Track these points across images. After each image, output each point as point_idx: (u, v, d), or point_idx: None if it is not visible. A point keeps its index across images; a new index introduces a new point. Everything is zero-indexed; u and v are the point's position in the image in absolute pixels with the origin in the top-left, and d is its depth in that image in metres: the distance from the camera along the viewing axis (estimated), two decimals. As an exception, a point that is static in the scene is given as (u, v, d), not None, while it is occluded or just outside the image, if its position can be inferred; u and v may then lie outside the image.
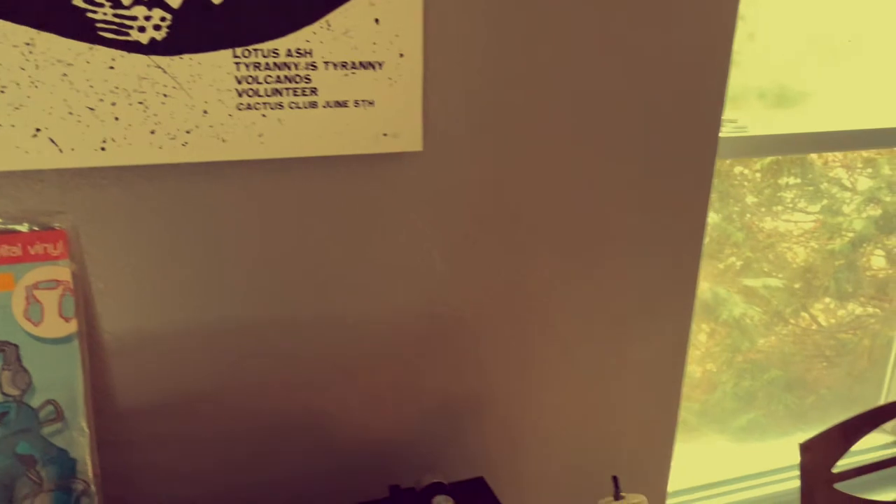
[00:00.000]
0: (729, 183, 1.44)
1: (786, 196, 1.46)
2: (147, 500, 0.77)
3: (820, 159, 1.51)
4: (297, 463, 0.82)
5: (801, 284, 1.52)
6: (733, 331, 1.49)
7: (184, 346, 0.75)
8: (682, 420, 1.46)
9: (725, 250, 1.50)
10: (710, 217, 1.42)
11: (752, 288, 1.57)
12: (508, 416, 0.91)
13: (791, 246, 1.51)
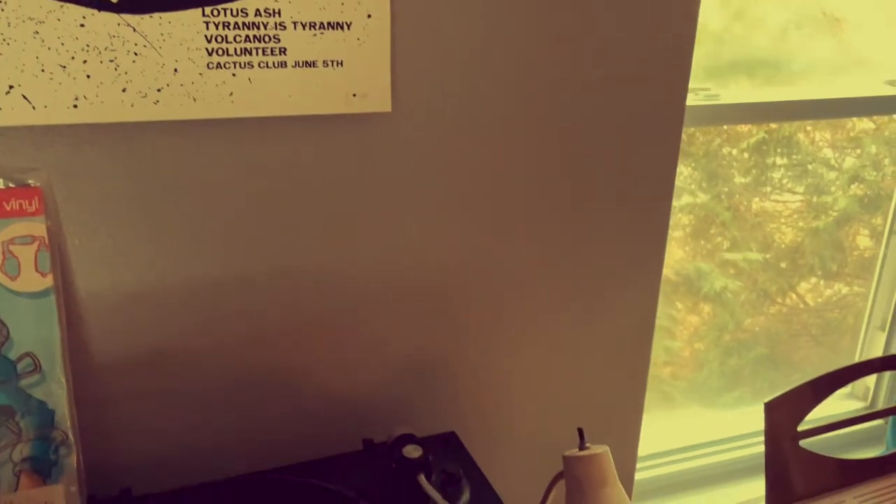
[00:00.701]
0: (717, 163, 1.47)
1: (773, 176, 1.49)
2: (123, 453, 0.79)
3: (807, 138, 1.53)
4: (272, 418, 0.85)
5: (787, 264, 1.54)
6: (717, 307, 1.52)
7: (158, 303, 0.77)
8: (667, 396, 1.50)
9: (712, 230, 1.52)
10: (697, 197, 1.44)
11: (732, 262, 1.59)
12: (480, 375, 0.93)
13: (779, 226, 1.54)
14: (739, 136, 1.43)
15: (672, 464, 1.36)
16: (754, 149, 1.46)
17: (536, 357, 0.96)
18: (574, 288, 0.94)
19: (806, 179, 1.49)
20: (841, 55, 1.35)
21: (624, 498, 0.78)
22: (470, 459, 0.83)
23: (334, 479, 0.77)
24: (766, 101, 1.16)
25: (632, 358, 1.02)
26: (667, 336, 1.49)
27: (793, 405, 1.05)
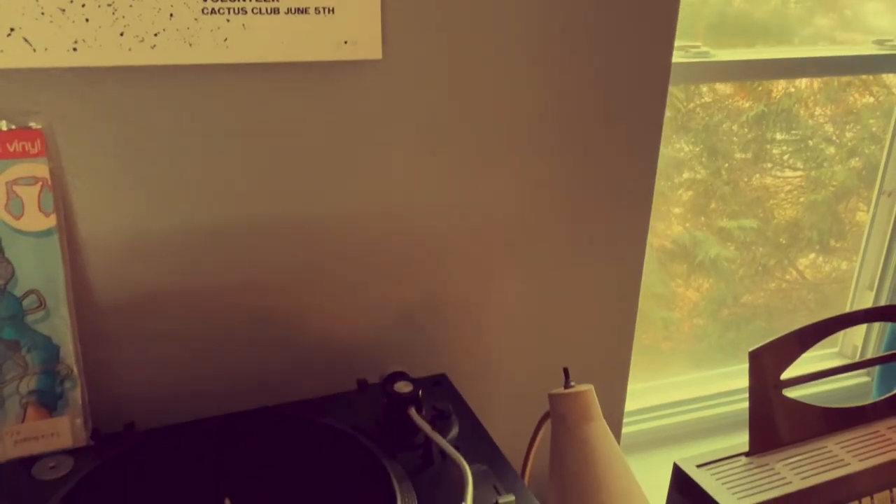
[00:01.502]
0: (717, 138, 1.48)
1: (772, 151, 1.50)
2: (126, 390, 0.82)
3: (806, 111, 1.54)
4: (268, 359, 0.88)
5: (785, 238, 1.56)
6: (714, 280, 1.54)
7: (157, 246, 0.79)
8: (665, 362, 1.52)
9: (711, 204, 1.54)
10: (697, 172, 1.46)
11: (728, 230, 1.61)
12: (471, 320, 0.96)
13: (779, 202, 1.56)
14: (739, 111, 1.45)
15: (661, 419, 1.39)
16: (754, 122, 1.48)
17: (527, 301, 0.99)
18: (564, 233, 0.97)
19: (805, 153, 1.51)
20: (830, 16, 1.36)
21: (607, 433, 0.81)
22: (460, 399, 0.86)
23: (329, 416, 0.80)
24: (754, 58, 1.18)
25: (621, 302, 1.04)
26: (664, 307, 1.51)
27: (777, 354, 1.08)
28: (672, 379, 1.47)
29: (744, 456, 1.07)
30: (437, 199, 0.89)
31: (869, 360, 1.21)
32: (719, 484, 1.01)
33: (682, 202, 1.49)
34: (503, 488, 0.70)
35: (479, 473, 0.73)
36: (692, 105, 1.46)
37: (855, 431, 1.13)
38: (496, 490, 0.70)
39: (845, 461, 1.06)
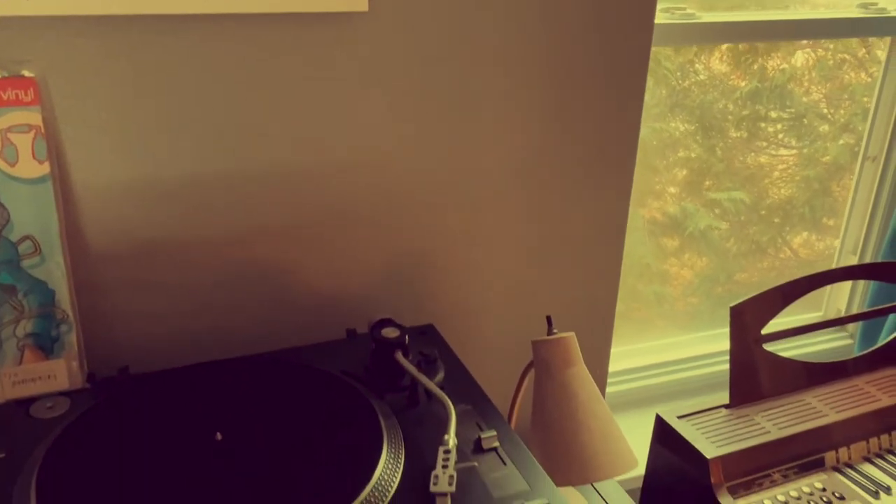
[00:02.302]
0: (711, 115, 1.50)
1: (767, 129, 1.52)
2: (120, 336, 0.84)
3: (800, 88, 1.55)
4: (259, 309, 0.90)
5: (779, 217, 1.58)
6: (703, 249, 1.56)
7: (148, 196, 0.81)
8: (656, 329, 1.54)
9: (706, 182, 1.56)
10: (692, 150, 1.47)
11: (718, 202, 1.63)
12: (457, 274, 0.98)
13: (774, 181, 1.58)
14: (734, 89, 1.46)
15: (648, 378, 1.42)
16: (748, 98, 1.49)
17: (513, 253, 1.01)
18: (548, 186, 0.99)
19: (799, 130, 1.53)
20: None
21: (587, 377, 0.84)
22: (447, 347, 0.88)
23: (318, 362, 0.82)
24: (738, 20, 1.19)
25: (605, 253, 1.06)
26: (657, 282, 1.54)
27: (758, 309, 1.10)
28: (659, 341, 1.49)
29: (724, 408, 1.10)
30: (424, 152, 0.91)
31: (848, 316, 1.24)
32: (699, 433, 1.04)
33: (677, 181, 1.52)
34: (486, 426, 0.73)
35: (463, 412, 0.75)
36: (687, 83, 1.48)
37: (834, 385, 1.16)
38: (479, 427, 0.73)
39: (823, 413, 1.09)
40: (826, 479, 1.04)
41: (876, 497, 1.01)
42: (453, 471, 0.62)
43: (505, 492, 0.64)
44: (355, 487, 0.62)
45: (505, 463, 0.68)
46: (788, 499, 1.00)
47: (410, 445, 0.69)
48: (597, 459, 0.79)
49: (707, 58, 1.47)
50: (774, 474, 1.02)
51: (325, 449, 0.67)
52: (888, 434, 1.10)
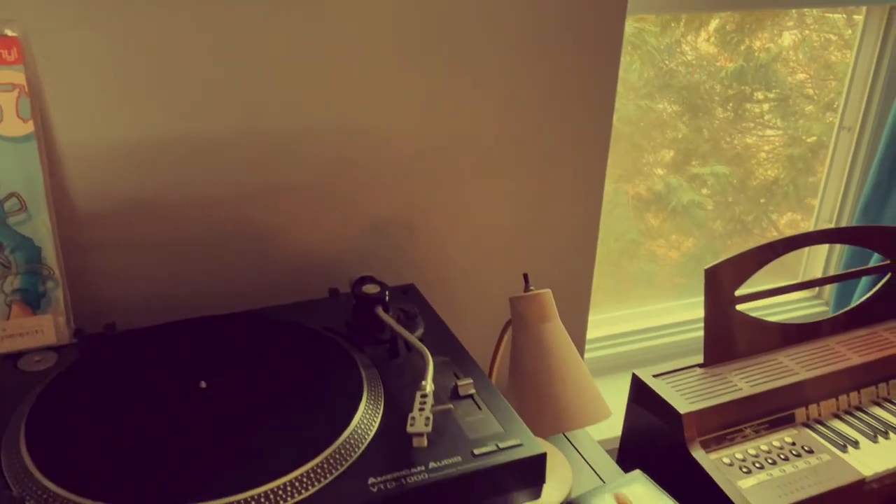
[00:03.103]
0: (697, 96, 1.52)
1: (753, 109, 1.54)
2: (106, 294, 0.86)
3: (785, 68, 1.57)
4: (243, 268, 0.92)
5: (765, 197, 1.60)
6: (685, 220, 1.58)
7: (133, 157, 0.83)
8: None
9: (692, 161, 1.58)
10: (678, 131, 1.49)
11: (701, 177, 1.66)
12: (438, 235, 1.01)
13: (760, 162, 1.61)
14: (719, 69, 1.48)
15: (627, 344, 1.45)
16: (734, 78, 1.52)
17: (493, 216, 1.03)
18: (528, 149, 1.01)
19: (783, 109, 1.55)
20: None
21: (562, 332, 0.87)
22: (428, 305, 0.90)
23: (301, 319, 0.84)
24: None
25: (583, 215, 1.08)
26: (645, 260, 1.56)
27: (732, 271, 1.13)
28: (639, 309, 1.52)
29: (699, 367, 1.13)
30: (407, 115, 0.92)
31: (821, 278, 1.27)
32: (674, 391, 1.07)
33: (664, 162, 1.54)
34: (463, 376, 0.75)
35: (442, 364, 0.78)
36: (674, 63, 1.50)
37: (806, 346, 1.20)
38: (456, 376, 0.75)
39: (794, 371, 1.12)
40: (796, 434, 1.07)
41: (844, 451, 1.05)
42: (430, 413, 0.64)
43: (479, 434, 0.66)
44: (335, 431, 0.64)
45: (480, 408, 0.70)
46: (759, 452, 1.03)
47: (390, 394, 0.72)
48: (570, 409, 0.82)
49: (694, 38, 1.49)
50: (746, 429, 1.06)
51: (306, 396, 0.69)
52: (857, 392, 1.14)
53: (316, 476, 0.60)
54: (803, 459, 1.02)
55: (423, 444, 0.63)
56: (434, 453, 0.64)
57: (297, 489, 0.59)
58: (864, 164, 1.48)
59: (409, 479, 0.61)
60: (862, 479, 1.00)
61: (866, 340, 1.20)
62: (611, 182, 1.48)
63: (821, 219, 1.59)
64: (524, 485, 0.65)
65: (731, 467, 1.00)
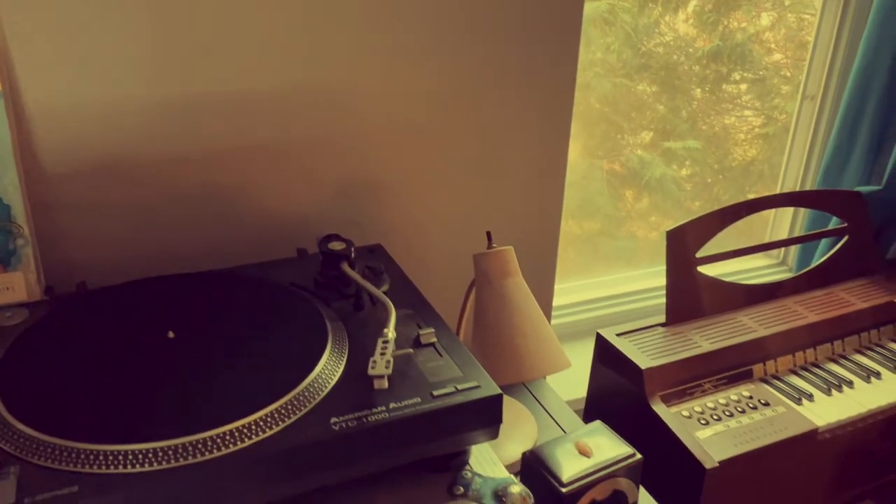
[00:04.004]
0: (675, 76, 1.54)
1: (729, 89, 1.56)
2: (76, 254, 0.88)
3: (762, 48, 1.60)
4: (212, 228, 0.93)
5: (742, 176, 1.63)
6: (658, 195, 1.61)
7: (100, 117, 0.84)
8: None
9: (672, 138, 1.61)
10: (656, 112, 1.51)
11: (674, 151, 1.69)
12: (405, 196, 1.03)
13: (738, 142, 1.63)
14: (696, 50, 1.51)
15: (596, 310, 1.48)
16: (710, 59, 1.54)
17: (460, 176, 1.05)
18: (491, 111, 1.03)
19: (759, 88, 1.58)
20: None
21: (524, 287, 0.89)
22: (394, 263, 0.92)
23: (269, 277, 0.86)
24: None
25: (549, 176, 1.10)
26: (622, 238, 1.59)
27: (692, 234, 1.17)
28: (607, 277, 1.55)
29: (660, 326, 1.17)
30: (373, 82, 0.94)
31: (779, 241, 1.31)
32: (636, 348, 1.10)
33: (643, 144, 1.57)
34: (426, 326, 0.78)
35: (405, 316, 0.80)
36: (652, 44, 1.52)
37: (765, 305, 1.24)
38: (419, 326, 0.77)
39: (753, 329, 1.16)
40: (754, 388, 1.11)
41: (798, 403, 1.09)
42: (391, 357, 0.67)
43: (439, 377, 0.69)
44: (300, 375, 0.66)
45: (441, 355, 0.73)
46: (717, 405, 1.07)
47: (354, 344, 0.74)
48: (530, 360, 0.85)
49: (672, 18, 1.51)
50: (705, 384, 1.10)
51: (272, 345, 0.71)
52: (813, 348, 1.18)
53: (280, 416, 0.62)
54: (759, 412, 1.06)
55: (383, 386, 0.66)
56: (395, 395, 0.66)
57: (262, 428, 0.61)
58: (826, 132, 1.52)
59: (370, 418, 0.63)
60: (815, 430, 1.04)
61: (823, 300, 1.25)
62: (586, 158, 1.51)
63: (786, 186, 1.62)
64: (481, 424, 0.68)
65: (690, 419, 1.04)
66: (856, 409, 1.08)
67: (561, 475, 0.85)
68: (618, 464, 0.87)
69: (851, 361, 1.18)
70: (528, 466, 0.88)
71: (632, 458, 0.88)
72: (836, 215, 1.30)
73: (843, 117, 1.37)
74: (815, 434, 1.04)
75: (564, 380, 1.28)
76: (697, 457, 0.96)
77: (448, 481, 0.69)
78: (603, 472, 0.86)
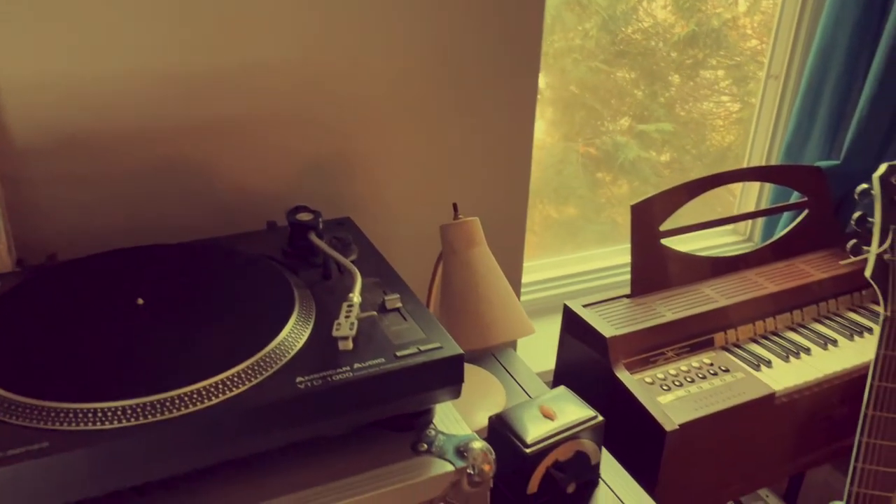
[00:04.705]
0: (653, 62, 1.56)
1: (707, 74, 1.59)
2: (47, 227, 0.89)
3: (738, 34, 1.63)
4: (181, 202, 0.95)
5: (719, 163, 1.66)
6: (632, 176, 1.64)
7: (70, 91, 0.85)
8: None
9: (648, 122, 1.63)
10: (633, 97, 1.52)
11: (647, 134, 1.72)
12: (374, 171, 1.05)
13: (716, 128, 1.66)
14: (674, 35, 1.53)
15: (563, 287, 1.51)
16: (686, 44, 1.56)
17: (431, 150, 1.07)
18: (459, 88, 1.05)
19: (736, 74, 1.61)
20: None
21: (489, 256, 0.92)
22: (362, 235, 0.94)
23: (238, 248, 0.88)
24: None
25: (516, 148, 1.13)
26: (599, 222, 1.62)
27: (656, 207, 1.20)
28: (577, 254, 1.58)
29: (626, 298, 1.20)
30: (340, 51, 0.96)
31: (741, 214, 1.34)
32: (601, 318, 1.13)
33: (622, 130, 1.59)
34: (391, 293, 0.80)
35: (372, 284, 0.82)
36: (630, 30, 1.54)
37: (727, 277, 1.27)
38: (385, 293, 0.80)
39: (714, 299, 1.20)
40: (714, 356, 1.15)
41: (757, 369, 1.12)
42: (355, 319, 0.69)
43: (403, 340, 0.71)
44: (267, 338, 0.68)
45: (406, 320, 0.75)
46: (679, 372, 1.10)
47: (321, 310, 0.76)
48: (495, 325, 0.88)
49: (650, 5, 1.53)
50: (668, 352, 1.13)
51: (240, 310, 0.73)
52: (773, 318, 1.22)
53: (247, 376, 0.64)
54: (719, 378, 1.10)
55: (348, 347, 0.68)
56: (359, 356, 0.68)
57: (229, 387, 0.63)
58: (789, 110, 1.55)
59: (335, 377, 0.66)
60: (772, 394, 1.08)
61: (783, 271, 1.28)
62: (562, 142, 1.54)
63: (752, 163, 1.66)
64: (444, 383, 0.70)
65: (653, 385, 1.07)
66: (812, 375, 1.11)
67: (525, 437, 0.88)
68: (580, 426, 0.90)
69: (810, 330, 1.22)
70: (494, 429, 0.91)
71: (594, 420, 0.91)
72: (797, 190, 1.34)
73: (804, 95, 1.41)
74: (773, 398, 1.08)
75: (535, 352, 1.31)
76: (658, 420, 0.99)
77: (413, 439, 0.72)
78: (566, 433, 0.89)
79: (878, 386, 0.87)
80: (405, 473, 0.68)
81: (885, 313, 0.88)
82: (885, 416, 0.88)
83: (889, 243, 0.86)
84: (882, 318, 0.89)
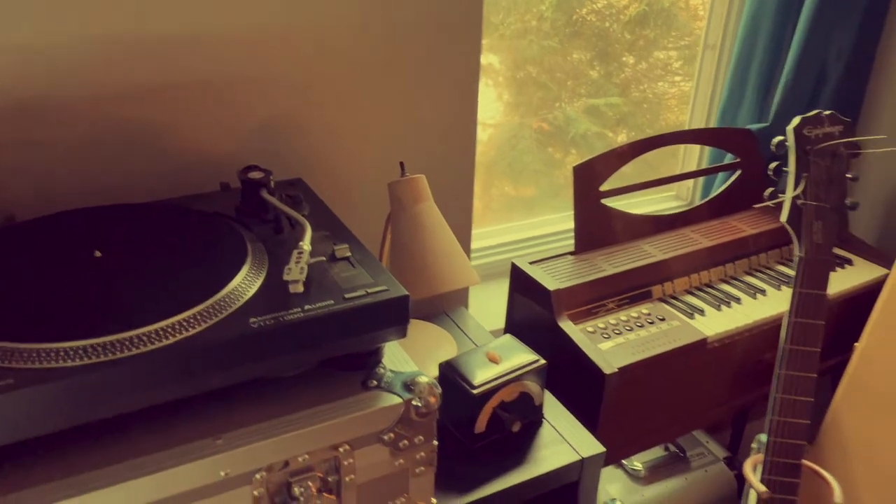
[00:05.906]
0: (607, 43, 1.61)
1: (660, 55, 1.64)
2: (5, 190, 0.91)
3: (686, 13, 1.68)
4: (136, 165, 0.97)
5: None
6: (583, 148, 1.69)
7: (21, 56, 0.86)
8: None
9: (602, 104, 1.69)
10: (588, 77, 1.56)
11: (596, 107, 1.78)
12: (325, 133, 1.08)
13: (671, 108, 1.71)
14: (624, 15, 1.58)
15: (514, 251, 1.57)
16: (637, 23, 1.62)
17: (377, 111, 1.10)
18: (405, 49, 1.08)
19: (685, 51, 1.66)
20: None
21: (434, 211, 0.97)
22: (313, 194, 0.98)
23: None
24: None
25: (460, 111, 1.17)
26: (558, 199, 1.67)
27: (598, 168, 1.26)
28: (528, 220, 1.64)
29: (570, 255, 1.26)
30: (286, 20, 0.99)
31: (678, 175, 1.41)
32: (546, 274, 1.19)
33: (576, 108, 1.64)
34: (341, 244, 0.84)
35: (322, 237, 0.86)
36: (584, 10, 1.59)
37: (665, 234, 1.34)
38: (334, 245, 0.84)
39: (652, 255, 1.27)
40: (652, 306, 1.22)
41: (691, 318, 1.20)
42: (305, 264, 0.73)
43: (352, 284, 0.76)
44: (220, 284, 0.72)
45: (355, 267, 0.79)
46: (619, 322, 1.17)
47: (274, 261, 0.80)
48: (442, 276, 0.93)
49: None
50: (609, 304, 1.20)
51: (195, 261, 0.77)
52: (707, 271, 1.29)
53: (203, 317, 0.68)
54: (656, 326, 1.17)
55: (299, 290, 0.72)
56: (309, 298, 0.73)
57: (186, 327, 0.67)
58: (724, 78, 1.63)
59: (286, 317, 0.70)
60: (704, 339, 1.15)
61: (718, 228, 1.36)
62: (516, 117, 1.59)
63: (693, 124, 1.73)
64: (391, 323, 0.75)
65: (594, 334, 1.14)
66: (742, 321, 1.19)
67: (472, 379, 0.94)
68: (524, 368, 0.96)
69: (741, 281, 1.30)
70: (444, 375, 0.97)
71: (536, 363, 0.97)
72: (730, 151, 1.41)
73: (736, 63, 1.48)
74: (705, 343, 1.15)
75: (487, 311, 1.36)
76: (598, 364, 1.05)
77: (363, 377, 0.76)
78: (510, 375, 0.95)
79: (794, 322, 0.95)
80: (356, 405, 0.73)
81: (800, 254, 0.96)
82: (801, 349, 0.95)
83: (801, 189, 0.93)
84: (797, 259, 0.96)
